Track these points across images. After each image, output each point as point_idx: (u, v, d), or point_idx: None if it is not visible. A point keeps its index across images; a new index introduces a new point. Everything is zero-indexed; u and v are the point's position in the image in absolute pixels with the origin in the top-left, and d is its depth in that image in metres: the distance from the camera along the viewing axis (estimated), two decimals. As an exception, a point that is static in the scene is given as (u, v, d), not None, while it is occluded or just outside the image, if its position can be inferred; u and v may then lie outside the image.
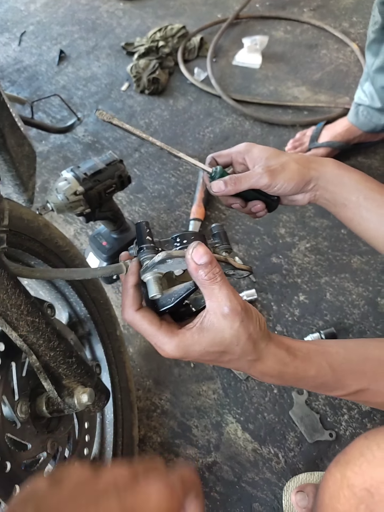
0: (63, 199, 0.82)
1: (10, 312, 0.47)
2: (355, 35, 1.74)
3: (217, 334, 0.42)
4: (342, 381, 0.45)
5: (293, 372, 0.44)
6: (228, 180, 0.56)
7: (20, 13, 2.02)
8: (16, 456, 0.50)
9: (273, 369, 0.44)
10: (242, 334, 0.41)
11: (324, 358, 0.45)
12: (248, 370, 0.45)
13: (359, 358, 0.47)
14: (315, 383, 0.45)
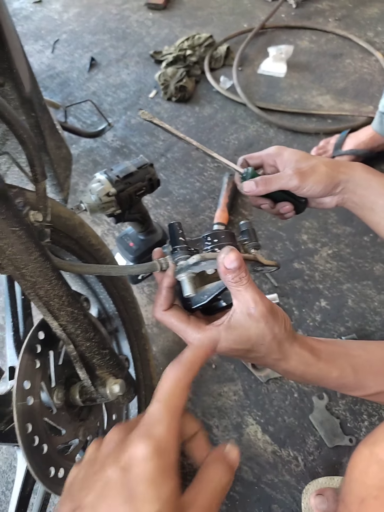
0: (96, 200, 0.85)
1: (52, 302, 0.50)
2: (380, 45, 1.75)
3: (243, 333, 0.44)
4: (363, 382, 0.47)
5: (315, 373, 0.46)
6: (259, 181, 0.58)
7: (54, 22, 2.10)
8: (52, 440, 0.52)
9: (296, 369, 0.46)
10: (267, 334, 0.43)
11: (346, 360, 0.47)
12: (272, 367, 0.47)
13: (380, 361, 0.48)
14: (337, 383, 0.47)
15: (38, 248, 0.49)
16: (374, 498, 0.34)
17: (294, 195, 0.61)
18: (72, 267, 0.53)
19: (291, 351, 0.45)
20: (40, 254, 0.49)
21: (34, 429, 0.49)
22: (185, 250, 0.48)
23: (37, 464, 0.48)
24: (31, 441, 0.48)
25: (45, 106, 0.76)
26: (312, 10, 1.95)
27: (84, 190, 1.38)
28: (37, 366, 0.53)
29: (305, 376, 0.46)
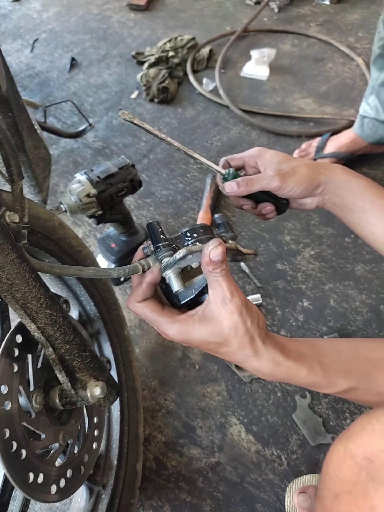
0: (76, 201, 0.84)
1: (30, 305, 0.49)
2: (360, 50, 1.78)
3: (216, 325, 0.44)
4: (332, 380, 0.47)
5: (285, 371, 0.46)
6: (241, 182, 0.58)
7: (33, 21, 2.07)
8: (31, 445, 0.51)
9: (266, 367, 0.46)
10: (240, 328, 0.44)
11: (315, 359, 0.47)
12: (243, 364, 0.47)
13: (350, 359, 0.49)
14: (306, 381, 0.47)
15: (14, 250, 0.48)
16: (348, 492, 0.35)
17: (276, 196, 0.61)
18: (51, 268, 0.52)
19: (262, 349, 0.45)
20: (17, 256, 0.48)
21: (12, 434, 0.48)
22: (168, 247, 0.48)
23: (15, 470, 0.47)
24: (8, 447, 0.47)
25: (23, 105, 0.75)
26: (294, 14, 1.98)
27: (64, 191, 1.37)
28: (15, 370, 0.52)
29: (275, 374, 0.47)
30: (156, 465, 0.88)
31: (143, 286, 0.48)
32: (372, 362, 0.48)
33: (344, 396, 0.49)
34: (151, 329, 1.06)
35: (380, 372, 0.48)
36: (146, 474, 0.87)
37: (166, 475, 0.87)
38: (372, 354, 0.50)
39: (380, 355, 0.49)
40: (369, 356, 0.49)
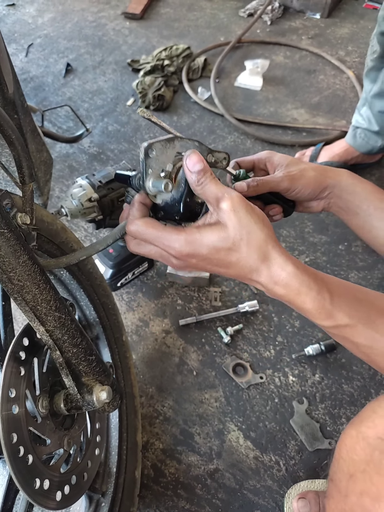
0: (78, 205, 0.84)
1: (40, 307, 0.49)
2: (350, 63, 1.83)
3: (220, 229, 0.44)
4: (337, 311, 0.46)
5: (298, 285, 0.44)
6: (251, 182, 0.59)
7: (28, 26, 2.07)
8: (37, 450, 0.50)
9: (279, 274, 0.44)
10: (244, 226, 0.43)
11: (328, 284, 0.47)
12: (254, 275, 0.46)
13: (356, 298, 0.49)
14: (312, 305, 0.45)
15: (26, 251, 0.47)
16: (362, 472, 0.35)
17: (283, 198, 0.63)
18: (58, 261, 0.52)
19: (273, 253, 0.44)
20: (28, 258, 0.47)
21: (19, 439, 0.47)
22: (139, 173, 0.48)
23: (22, 476, 0.46)
24: (16, 451, 0.46)
25: (27, 108, 0.75)
26: (286, 27, 2.02)
27: (60, 196, 1.36)
28: (22, 374, 0.51)
29: (287, 285, 0.44)
30: (154, 473, 0.87)
31: (135, 205, 0.48)
32: (375, 307, 0.49)
33: (339, 332, 0.48)
34: (148, 335, 1.06)
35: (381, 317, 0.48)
36: (144, 482, 0.86)
37: (164, 483, 0.86)
38: (377, 301, 0.50)
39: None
40: (374, 302, 0.49)
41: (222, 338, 1.04)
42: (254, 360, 1.01)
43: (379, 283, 1.13)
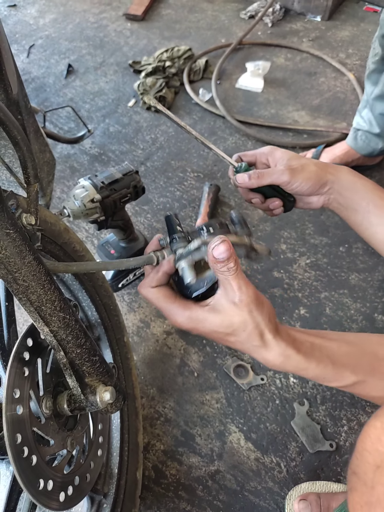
0: (80, 206, 0.84)
1: (44, 307, 0.49)
2: (351, 66, 1.83)
3: (225, 318, 0.45)
4: (341, 373, 0.48)
5: (295, 364, 0.47)
6: (252, 174, 0.60)
7: (29, 27, 2.07)
8: (41, 451, 0.50)
9: (276, 359, 0.47)
10: (250, 323, 0.45)
11: (325, 352, 0.48)
12: (252, 354, 0.48)
13: (358, 352, 0.50)
14: (315, 374, 0.48)
15: (31, 252, 0.47)
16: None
17: (284, 193, 0.63)
18: (67, 267, 0.52)
19: (272, 342, 0.46)
20: (34, 258, 0.48)
21: (24, 439, 0.47)
22: (183, 239, 0.48)
23: (27, 477, 0.46)
24: (20, 452, 0.46)
25: (31, 109, 0.75)
26: (287, 30, 2.03)
27: (61, 196, 1.36)
28: (26, 374, 0.51)
29: (285, 366, 0.47)
30: (155, 474, 0.87)
31: (159, 274, 0.49)
32: (380, 357, 0.49)
33: (351, 391, 0.50)
34: (149, 336, 1.06)
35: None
36: (145, 483, 0.86)
37: (165, 484, 0.86)
38: (380, 349, 0.50)
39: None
40: (377, 351, 0.50)
41: (223, 339, 1.04)
42: (255, 361, 1.01)
43: (379, 285, 1.13)
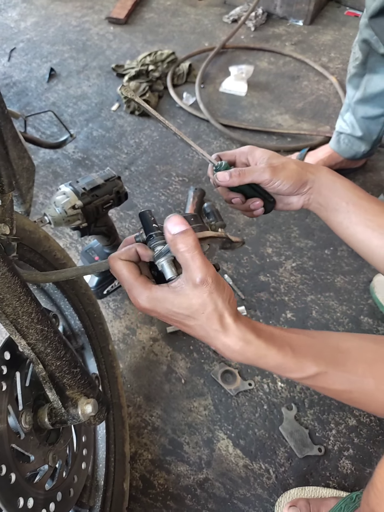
0: (61, 213, 0.83)
1: (21, 320, 0.47)
2: (333, 69, 1.85)
3: (185, 299, 0.44)
4: (302, 362, 0.46)
5: (255, 350, 0.45)
6: (233, 172, 0.59)
7: (10, 30, 2.04)
8: (20, 468, 0.49)
9: (235, 344, 0.45)
10: (209, 305, 0.43)
11: (286, 340, 0.47)
12: (212, 340, 0.46)
13: (320, 344, 0.49)
14: (276, 362, 0.46)
15: (5, 263, 0.46)
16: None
17: (264, 193, 0.63)
18: (46, 277, 0.51)
19: (231, 326, 0.45)
20: (8, 269, 0.46)
21: (1, 457, 0.45)
22: (161, 235, 0.47)
23: (5, 496, 0.44)
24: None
25: (8, 115, 0.73)
26: (270, 33, 2.04)
27: (44, 202, 1.34)
28: (3, 389, 0.49)
29: (244, 352, 0.46)
30: (143, 484, 0.86)
31: (131, 250, 0.48)
32: (341, 350, 0.49)
33: (313, 383, 0.48)
34: (136, 343, 1.04)
35: (348, 359, 0.48)
36: (133, 494, 0.84)
37: (153, 494, 0.85)
38: (342, 343, 0.50)
39: (349, 345, 0.49)
40: (339, 344, 0.49)
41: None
42: (242, 366, 1.00)
43: (364, 287, 1.14)
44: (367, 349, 0.49)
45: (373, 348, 0.50)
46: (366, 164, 1.43)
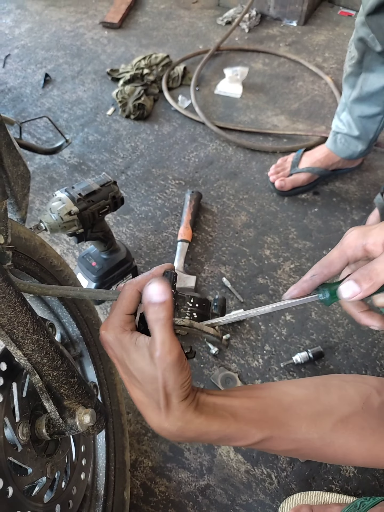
0: (57, 219, 0.82)
1: (16, 330, 0.47)
2: (328, 69, 1.85)
3: (140, 362, 0.42)
4: (246, 430, 0.44)
5: (195, 429, 0.43)
6: (359, 276, 0.41)
7: (5, 37, 2.04)
8: (17, 481, 0.48)
9: (173, 425, 0.43)
10: (159, 380, 0.41)
11: (228, 411, 0.45)
12: (150, 414, 0.44)
13: (262, 406, 0.47)
14: (218, 436, 0.44)
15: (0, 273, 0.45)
16: None
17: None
18: (43, 289, 0.50)
19: (176, 407, 0.42)
20: (3, 279, 0.45)
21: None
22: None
23: (2, 510, 0.44)
24: (-6, 485, 0.44)
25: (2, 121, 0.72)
26: (264, 35, 2.04)
27: (40, 208, 1.33)
28: (0, 400, 0.49)
29: (183, 433, 0.43)
30: (143, 492, 0.85)
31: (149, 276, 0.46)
32: (284, 407, 0.47)
33: (260, 448, 0.47)
34: (134, 348, 1.04)
35: (291, 417, 0.46)
36: (134, 502, 0.83)
37: (154, 502, 0.84)
38: (284, 398, 0.48)
39: (291, 399, 0.48)
40: (281, 400, 0.47)
41: (210, 349, 1.02)
42: (242, 371, 0.99)
43: (364, 287, 1.13)
44: (309, 401, 0.48)
45: (315, 398, 0.48)
46: (362, 164, 1.43)
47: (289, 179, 1.35)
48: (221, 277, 1.16)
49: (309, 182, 1.36)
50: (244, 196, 1.37)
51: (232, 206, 1.34)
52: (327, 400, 0.48)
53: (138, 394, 0.45)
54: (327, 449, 0.46)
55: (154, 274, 0.47)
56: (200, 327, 0.44)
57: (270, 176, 1.38)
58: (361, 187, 1.38)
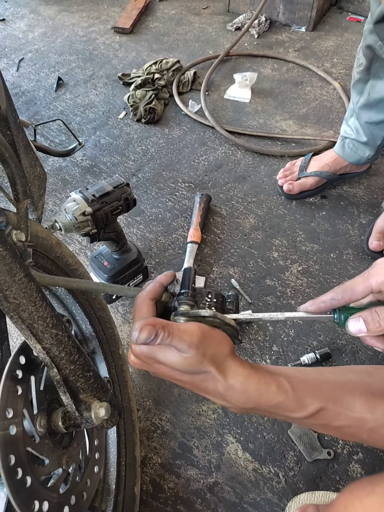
0: (72, 219, 0.84)
1: (36, 325, 0.49)
2: (336, 75, 1.87)
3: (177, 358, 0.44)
4: (302, 399, 0.45)
5: (255, 387, 0.44)
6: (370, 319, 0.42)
7: (18, 41, 2.08)
8: (35, 471, 0.49)
9: (236, 380, 0.44)
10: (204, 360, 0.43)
11: (283, 377, 0.46)
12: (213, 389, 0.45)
13: (316, 380, 0.48)
14: (277, 400, 0.45)
15: (22, 269, 0.47)
16: None
17: None
18: (67, 282, 0.52)
19: (230, 366, 0.44)
20: (24, 275, 0.47)
21: (17, 460, 0.46)
22: (192, 297, 0.49)
23: (21, 499, 0.45)
24: (14, 474, 0.46)
25: (20, 124, 0.75)
26: (273, 40, 2.06)
27: (53, 209, 1.36)
28: (19, 393, 0.50)
29: (246, 390, 0.44)
30: (153, 488, 0.86)
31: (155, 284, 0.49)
32: (338, 385, 0.48)
33: (315, 421, 0.47)
34: (144, 347, 1.05)
35: (346, 394, 0.47)
36: (143, 498, 0.85)
37: (163, 498, 0.85)
38: (338, 378, 0.49)
39: (345, 379, 0.49)
40: (335, 380, 0.49)
41: (218, 349, 1.03)
42: (250, 371, 1.00)
43: (372, 290, 1.14)
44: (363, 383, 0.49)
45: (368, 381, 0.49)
46: (370, 168, 1.44)
47: (297, 182, 1.36)
48: (230, 278, 1.18)
49: (317, 186, 1.37)
50: (252, 199, 1.38)
51: (241, 209, 1.35)
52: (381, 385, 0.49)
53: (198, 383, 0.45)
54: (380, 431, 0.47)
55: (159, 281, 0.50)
56: (223, 318, 0.47)
57: (279, 180, 1.39)
58: (369, 191, 1.39)
